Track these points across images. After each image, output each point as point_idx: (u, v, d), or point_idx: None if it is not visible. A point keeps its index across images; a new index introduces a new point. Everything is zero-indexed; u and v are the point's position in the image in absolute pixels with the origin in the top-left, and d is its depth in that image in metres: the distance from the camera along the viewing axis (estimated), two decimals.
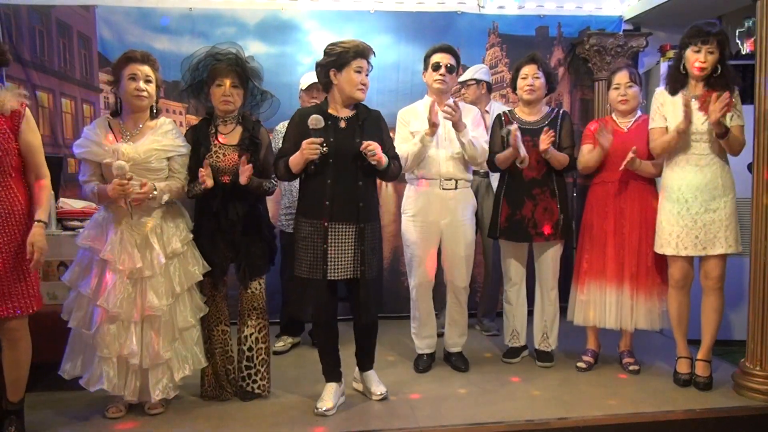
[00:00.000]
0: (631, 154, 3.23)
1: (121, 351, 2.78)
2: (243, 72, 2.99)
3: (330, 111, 2.93)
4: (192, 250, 2.98)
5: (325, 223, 2.83)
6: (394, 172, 3.01)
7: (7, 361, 2.69)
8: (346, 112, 2.95)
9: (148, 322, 2.84)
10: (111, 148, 2.80)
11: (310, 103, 3.76)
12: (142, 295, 2.82)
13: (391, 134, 3.71)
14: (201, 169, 2.88)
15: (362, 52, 2.88)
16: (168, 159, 2.92)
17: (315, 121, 2.78)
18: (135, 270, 2.79)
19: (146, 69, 2.88)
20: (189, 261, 2.96)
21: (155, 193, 2.82)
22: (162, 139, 2.90)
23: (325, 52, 2.92)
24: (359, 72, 2.88)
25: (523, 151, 3.33)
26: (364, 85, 2.89)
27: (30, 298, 2.63)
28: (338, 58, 2.87)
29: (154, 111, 2.96)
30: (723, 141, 3.08)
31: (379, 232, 3.02)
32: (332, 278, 2.86)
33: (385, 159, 2.86)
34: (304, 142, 2.77)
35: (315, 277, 2.86)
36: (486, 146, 3.39)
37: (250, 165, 2.89)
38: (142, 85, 2.85)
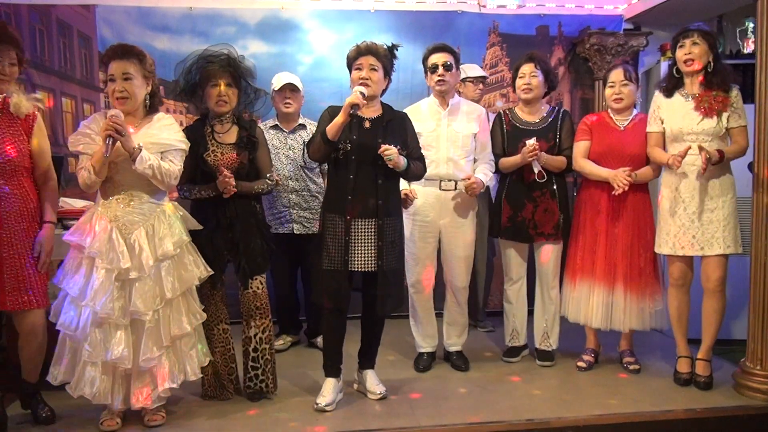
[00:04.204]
0: (623, 186, 3.23)
1: (107, 356, 2.65)
2: (236, 71, 2.98)
3: (358, 111, 2.97)
4: (189, 254, 2.87)
5: (348, 218, 2.89)
6: (416, 173, 3.06)
7: (28, 351, 2.81)
8: (372, 113, 3.00)
9: (134, 326, 2.72)
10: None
11: (283, 104, 3.77)
12: (129, 297, 2.69)
13: None
14: (225, 177, 2.87)
15: (361, 50, 2.96)
16: (162, 153, 2.76)
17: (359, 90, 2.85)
18: (122, 270, 2.67)
19: (123, 65, 2.70)
20: (184, 265, 2.83)
21: (140, 150, 2.64)
22: (158, 133, 2.79)
23: None
24: (359, 69, 2.95)
25: (537, 167, 3.35)
26: (362, 79, 2.92)
27: (45, 292, 2.76)
28: (347, 62, 3.01)
29: (147, 105, 2.83)
30: (723, 162, 3.10)
31: (400, 227, 3.07)
32: (353, 269, 2.92)
33: (402, 162, 2.91)
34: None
35: (336, 267, 2.91)
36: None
37: (230, 178, 2.89)
38: (119, 86, 2.70)
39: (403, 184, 3.23)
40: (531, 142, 3.32)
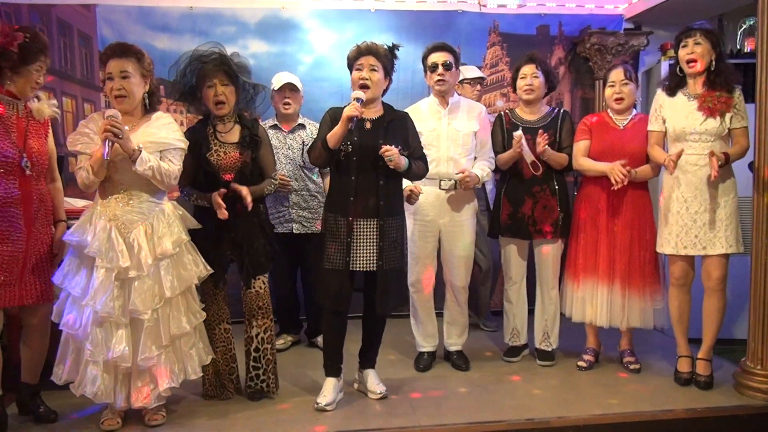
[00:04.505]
0: (621, 178, 3.23)
1: (109, 355, 2.65)
2: (230, 69, 2.96)
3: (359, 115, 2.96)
4: (188, 254, 2.86)
5: (350, 219, 2.89)
6: (417, 172, 3.06)
7: (32, 348, 2.86)
8: (373, 113, 2.99)
9: (134, 325, 2.72)
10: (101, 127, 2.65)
11: (283, 104, 3.77)
12: (129, 296, 2.69)
13: None
14: (219, 198, 2.87)
15: (361, 51, 2.95)
16: (161, 152, 2.77)
17: (357, 94, 2.86)
18: (122, 269, 2.67)
19: (121, 64, 2.71)
20: (183, 264, 2.83)
21: (140, 152, 2.65)
22: (156, 131, 2.79)
23: None
24: (359, 70, 2.94)
25: (529, 157, 3.34)
26: (363, 80, 2.92)
27: (53, 288, 2.82)
28: (348, 62, 3.00)
29: (146, 104, 2.84)
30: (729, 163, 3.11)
31: (402, 227, 3.07)
32: (354, 269, 2.92)
33: (403, 163, 2.91)
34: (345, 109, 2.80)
35: (338, 267, 2.91)
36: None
37: (244, 189, 2.90)
38: (116, 84, 2.71)
39: (407, 182, 3.23)
40: (517, 133, 3.33)
